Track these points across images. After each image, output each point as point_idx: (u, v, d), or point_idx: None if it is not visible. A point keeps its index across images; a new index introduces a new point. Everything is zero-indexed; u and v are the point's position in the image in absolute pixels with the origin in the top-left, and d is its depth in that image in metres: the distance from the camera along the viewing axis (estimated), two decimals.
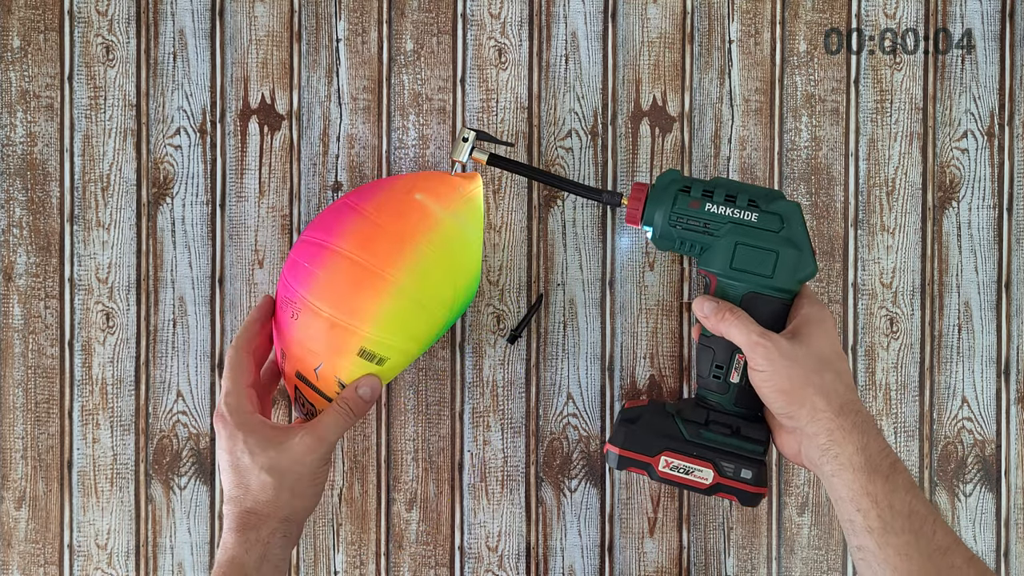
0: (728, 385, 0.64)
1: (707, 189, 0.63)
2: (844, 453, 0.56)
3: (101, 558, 0.77)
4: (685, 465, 0.64)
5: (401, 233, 0.63)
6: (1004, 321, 0.77)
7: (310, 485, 0.61)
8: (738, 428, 0.64)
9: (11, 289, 0.77)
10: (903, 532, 0.54)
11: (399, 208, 0.64)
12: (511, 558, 0.77)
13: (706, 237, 0.63)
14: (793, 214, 0.62)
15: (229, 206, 0.77)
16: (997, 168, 0.77)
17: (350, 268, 0.61)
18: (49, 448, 0.77)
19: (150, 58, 0.77)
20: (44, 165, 0.77)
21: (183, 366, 0.77)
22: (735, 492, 0.64)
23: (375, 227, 0.63)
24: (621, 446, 0.66)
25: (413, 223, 0.63)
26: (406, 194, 0.65)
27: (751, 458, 0.64)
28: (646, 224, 0.65)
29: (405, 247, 0.62)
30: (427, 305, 0.64)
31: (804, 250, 0.62)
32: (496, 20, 0.77)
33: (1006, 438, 0.77)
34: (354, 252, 0.62)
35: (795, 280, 0.62)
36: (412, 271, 0.62)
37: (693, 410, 0.66)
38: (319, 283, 0.62)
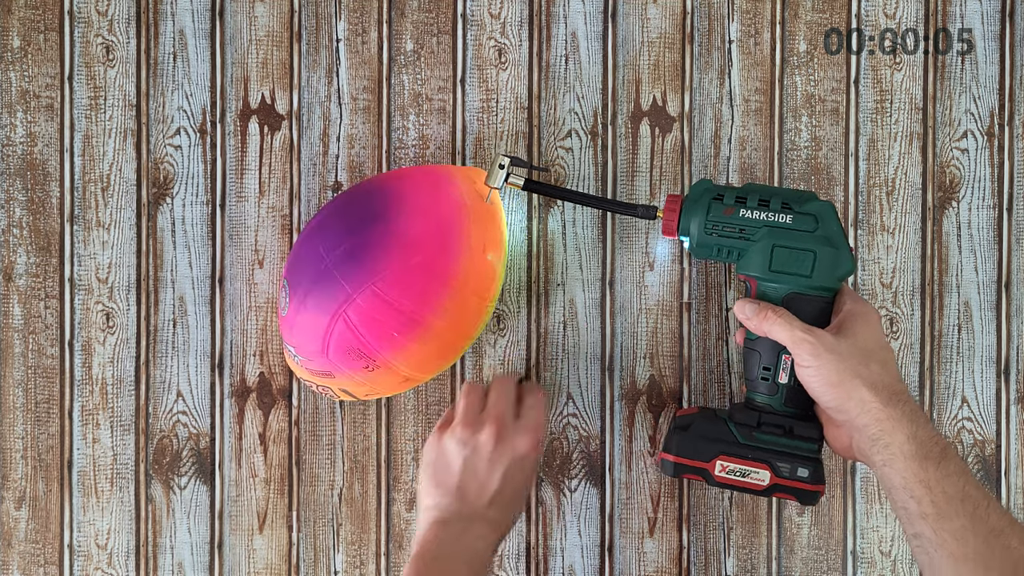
0: (777, 386, 0.65)
1: (740, 195, 0.64)
2: (895, 442, 0.57)
3: (101, 558, 0.77)
4: (741, 468, 0.65)
5: (481, 307, 0.68)
6: (1004, 321, 0.77)
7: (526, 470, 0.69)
8: (791, 428, 0.65)
9: (11, 289, 0.77)
10: (958, 516, 0.55)
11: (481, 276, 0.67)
12: (511, 558, 0.77)
13: (743, 242, 0.64)
14: (827, 213, 0.63)
15: (229, 206, 0.77)
16: (997, 168, 0.77)
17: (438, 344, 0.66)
18: (49, 448, 0.77)
19: (150, 58, 0.77)
20: (44, 165, 0.77)
21: (183, 366, 0.77)
22: (793, 491, 0.65)
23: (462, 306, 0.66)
24: (676, 453, 0.66)
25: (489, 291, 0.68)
26: (481, 253, 0.67)
27: (807, 456, 0.64)
28: (683, 235, 0.66)
29: (480, 319, 0.68)
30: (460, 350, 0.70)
31: (841, 248, 0.63)
32: (496, 20, 0.77)
33: (1006, 438, 0.77)
34: (442, 332, 0.65)
35: (834, 278, 0.63)
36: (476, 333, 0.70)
37: (744, 413, 0.66)
38: (409, 353, 0.65)
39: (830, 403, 0.60)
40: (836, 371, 0.59)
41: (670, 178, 0.77)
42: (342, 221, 0.65)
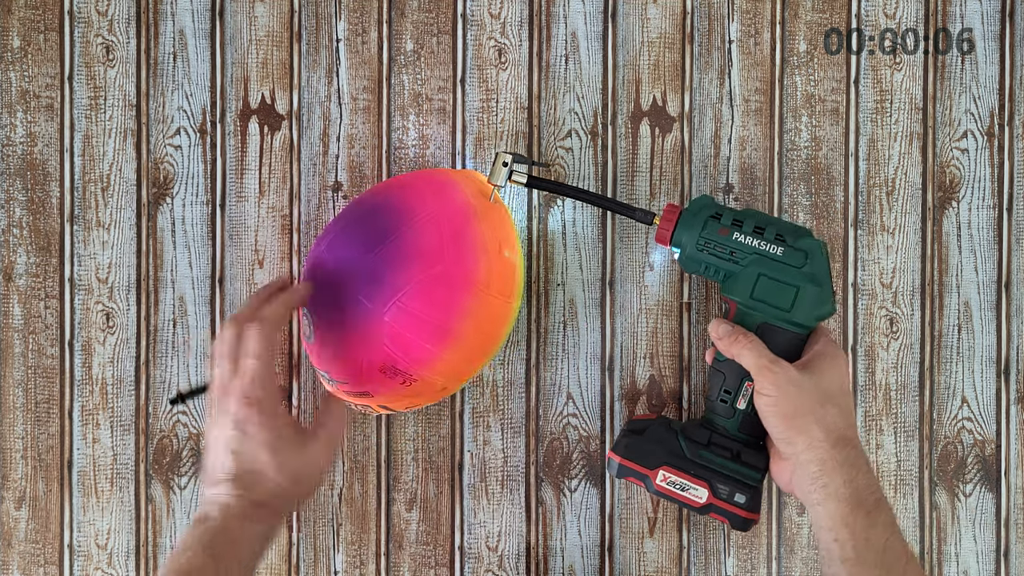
0: (735, 410, 0.66)
1: (737, 219, 0.65)
2: (832, 484, 0.58)
3: (101, 558, 0.77)
4: (682, 482, 0.66)
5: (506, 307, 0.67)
6: (1004, 321, 0.77)
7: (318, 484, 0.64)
8: (739, 453, 0.66)
9: (11, 289, 0.77)
10: (874, 566, 0.57)
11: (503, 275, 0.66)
12: (511, 558, 0.77)
13: (731, 265, 0.65)
14: (817, 251, 0.64)
15: (229, 206, 0.77)
16: (997, 168, 0.77)
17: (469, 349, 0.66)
18: (49, 448, 0.77)
19: (150, 58, 0.77)
20: (44, 165, 0.77)
21: (183, 366, 0.77)
22: (727, 515, 0.66)
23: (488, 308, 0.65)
24: (622, 455, 0.68)
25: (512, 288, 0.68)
26: (499, 253, 0.66)
27: (747, 483, 0.65)
28: (675, 245, 0.67)
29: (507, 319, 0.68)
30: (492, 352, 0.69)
31: (824, 288, 0.64)
32: (496, 20, 0.77)
33: (1006, 438, 0.77)
34: (472, 337, 0.65)
35: (812, 316, 0.64)
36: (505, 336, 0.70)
37: (697, 430, 0.67)
38: (443, 363, 0.64)
39: (780, 435, 0.61)
40: (793, 405, 0.60)
41: (670, 178, 0.77)
42: (355, 244, 0.64)
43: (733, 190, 0.77)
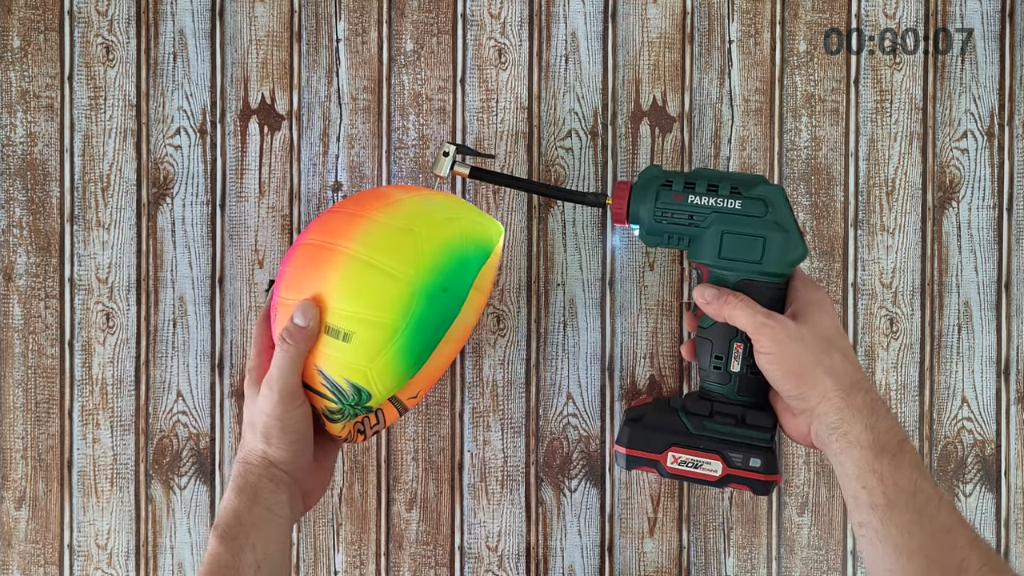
0: (729, 375, 0.64)
1: (688, 181, 0.63)
2: (853, 431, 0.57)
3: (101, 558, 0.77)
4: (693, 459, 0.64)
5: (355, 212, 0.62)
6: (1004, 321, 0.77)
7: (280, 432, 0.61)
8: (743, 417, 0.64)
9: (11, 289, 0.77)
10: (907, 510, 0.55)
11: (362, 197, 0.65)
12: (511, 558, 0.77)
13: (692, 229, 0.63)
14: (776, 197, 0.62)
15: (229, 206, 0.77)
16: (997, 168, 0.77)
17: (307, 252, 0.62)
18: (49, 448, 0.77)
19: (150, 58, 0.77)
20: (44, 165, 0.77)
21: (183, 366, 0.77)
22: (747, 482, 0.64)
23: (334, 214, 0.63)
24: (627, 445, 0.65)
25: (371, 201, 0.63)
26: (374, 190, 0.65)
27: (759, 446, 0.63)
28: (632, 222, 0.65)
29: (357, 220, 0.62)
30: (380, 267, 0.60)
31: (791, 232, 0.62)
32: (496, 20, 0.77)
33: (1006, 438, 0.77)
34: (311, 238, 0.62)
35: (785, 263, 0.62)
36: (360, 238, 0.61)
37: (697, 403, 0.65)
38: (286, 277, 0.63)
39: (791, 391, 0.59)
40: (798, 359, 0.58)
41: None
42: None
43: None
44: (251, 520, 0.60)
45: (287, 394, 0.60)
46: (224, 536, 0.59)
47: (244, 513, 0.60)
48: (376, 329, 0.60)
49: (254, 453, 0.62)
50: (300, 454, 0.62)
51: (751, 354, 0.62)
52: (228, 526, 0.59)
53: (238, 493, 0.61)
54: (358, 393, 0.61)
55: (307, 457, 0.63)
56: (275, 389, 0.60)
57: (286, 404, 0.60)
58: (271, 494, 0.61)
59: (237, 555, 0.58)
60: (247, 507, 0.60)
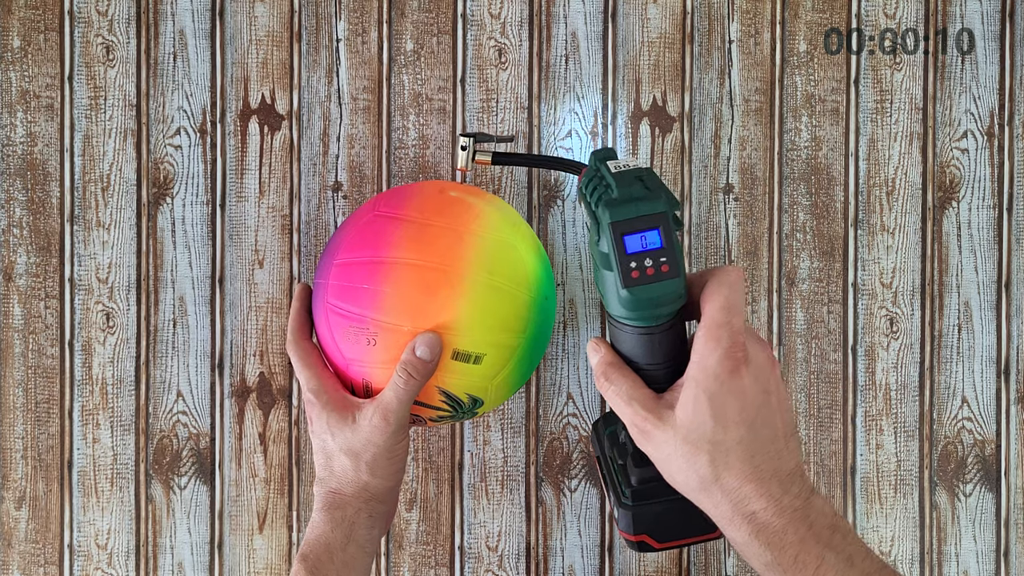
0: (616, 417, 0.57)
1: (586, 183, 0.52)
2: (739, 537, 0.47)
3: (101, 558, 0.77)
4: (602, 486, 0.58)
5: (453, 227, 0.61)
6: (1004, 321, 0.77)
7: (387, 462, 0.60)
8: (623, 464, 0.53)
9: (11, 289, 0.77)
10: None
11: (439, 206, 0.62)
12: (511, 558, 0.77)
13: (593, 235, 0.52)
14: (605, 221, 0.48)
15: (229, 206, 0.77)
16: (997, 168, 0.77)
17: (416, 274, 0.59)
18: (49, 448, 0.77)
19: (150, 58, 0.77)
20: (44, 165, 0.77)
21: (183, 366, 0.77)
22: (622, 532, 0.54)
23: (424, 228, 0.61)
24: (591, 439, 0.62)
25: (460, 214, 0.61)
26: (440, 193, 0.64)
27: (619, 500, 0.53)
28: None
29: (463, 238, 0.60)
30: (503, 288, 0.60)
31: (614, 270, 0.48)
32: (496, 20, 0.77)
33: (1006, 438, 0.77)
34: (414, 258, 0.59)
35: (621, 308, 0.48)
36: (476, 259, 0.60)
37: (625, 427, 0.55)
38: (389, 300, 0.59)
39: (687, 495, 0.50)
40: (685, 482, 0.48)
41: (670, 178, 0.77)
42: None
43: (733, 190, 0.77)
44: (343, 558, 0.59)
45: (402, 426, 0.60)
46: (314, 571, 0.58)
47: (337, 550, 0.59)
48: (503, 349, 0.61)
49: (353, 484, 0.60)
50: (399, 481, 0.62)
51: None
52: (320, 560, 0.58)
53: (334, 526, 0.59)
54: (474, 402, 0.63)
55: (400, 483, 0.63)
56: (391, 421, 0.58)
57: (399, 435, 0.60)
58: (367, 531, 0.60)
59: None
60: (342, 544, 0.59)
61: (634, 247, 0.47)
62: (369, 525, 0.61)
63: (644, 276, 0.47)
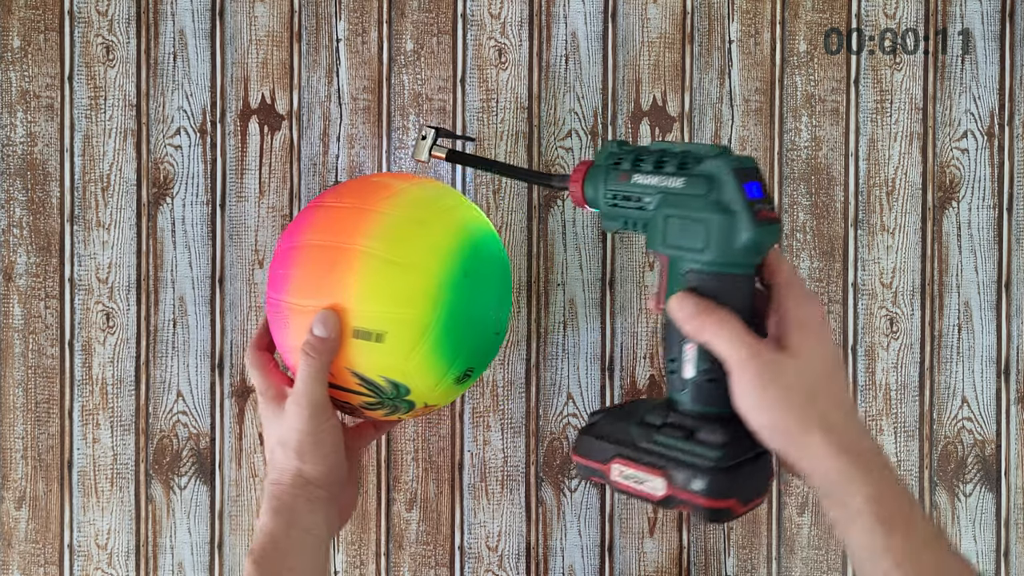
0: (683, 381, 0.54)
1: (639, 157, 0.56)
2: (853, 503, 0.48)
3: (101, 558, 0.77)
4: (636, 474, 0.55)
5: (359, 206, 0.61)
6: (1004, 321, 0.77)
7: (313, 447, 0.60)
8: (693, 430, 0.53)
9: (11, 289, 0.77)
10: None
11: (357, 190, 0.63)
12: (511, 558, 0.77)
13: (642, 212, 0.55)
14: (719, 172, 0.52)
15: (229, 206, 0.77)
16: (997, 168, 0.77)
17: (318, 254, 0.60)
18: (49, 448, 0.77)
19: (150, 58, 0.77)
20: (44, 165, 0.77)
21: (183, 366, 0.77)
22: (691, 506, 0.53)
23: (333, 210, 0.62)
24: (579, 453, 0.58)
25: (371, 194, 0.62)
26: (362, 180, 0.65)
27: (704, 466, 0.52)
28: (592, 206, 0.59)
29: (364, 215, 0.60)
30: (402, 262, 0.59)
31: (735, 213, 0.51)
32: (496, 20, 0.77)
33: (1006, 438, 0.77)
34: (318, 239, 0.60)
35: (732, 251, 0.52)
36: (374, 234, 0.59)
37: (655, 412, 0.56)
38: (295, 281, 0.60)
39: (774, 446, 0.50)
40: (784, 411, 0.49)
41: None
42: None
43: None
44: (288, 544, 0.58)
45: (317, 408, 0.59)
46: (260, 562, 0.57)
47: (281, 537, 0.58)
48: (407, 325, 0.58)
49: (287, 473, 0.60)
50: (335, 468, 0.61)
51: (706, 357, 0.53)
52: (264, 551, 0.58)
53: (274, 515, 0.59)
54: (396, 388, 0.60)
55: (342, 471, 0.62)
56: (303, 404, 0.59)
57: (317, 418, 0.59)
58: (308, 515, 0.60)
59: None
60: (284, 530, 0.58)
61: (752, 193, 0.52)
62: (309, 510, 0.60)
63: (766, 218, 0.52)
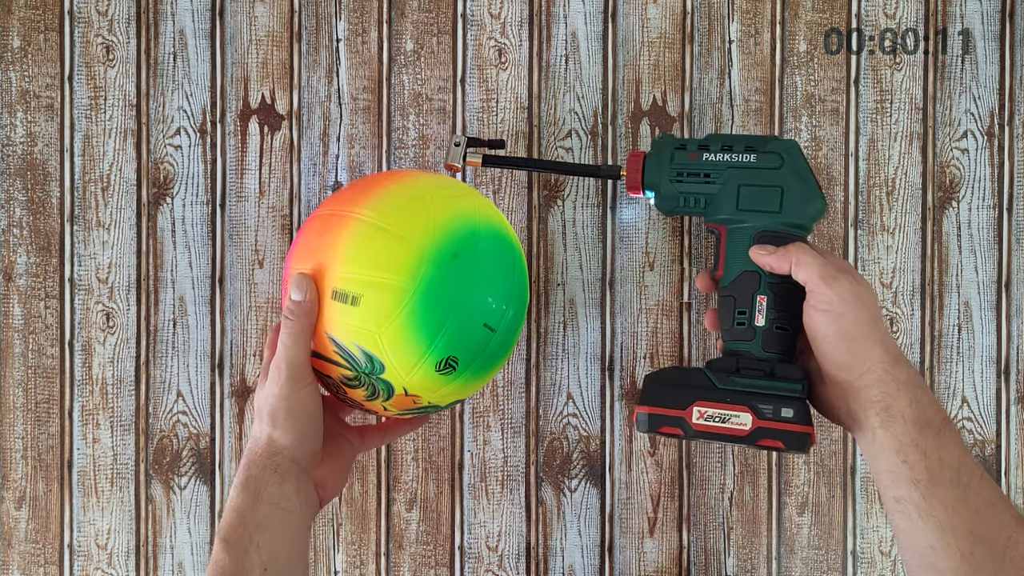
0: (754, 330, 0.61)
1: (703, 143, 0.64)
2: (896, 405, 0.55)
3: (101, 558, 0.77)
4: (721, 412, 0.60)
5: (368, 184, 0.63)
6: (1004, 321, 0.77)
7: (286, 413, 0.59)
8: (771, 369, 0.60)
9: (11, 289, 0.77)
10: (951, 486, 0.53)
11: (376, 176, 0.66)
12: (511, 558, 0.77)
13: (708, 187, 0.63)
14: (792, 150, 0.62)
15: (229, 206, 0.77)
16: (997, 168, 0.77)
17: (319, 223, 0.62)
18: (49, 448, 0.77)
19: (150, 58, 0.77)
20: (44, 165, 0.77)
21: (183, 366, 0.77)
22: (779, 435, 0.59)
23: (346, 189, 0.64)
24: (650, 404, 0.61)
25: (384, 178, 0.64)
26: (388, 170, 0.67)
27: (790, 396, 0.59)
28: (648, 189, 0.66)
29: (369, 190, 0.62)
30: (389, 229, 0.59)
31: (809, 183, 0.61)
32: (496, 20, 0.77)
33: (1006, 438, 0.77)
34: (323, 209, 0.63)
35: (806, 215, 0.61)
36: (370, 203, 0.60)
37: (722, 361, 0.62)
38: (297, 249, 0.63)
39: (839, 356, 0.56)
40: (857, 322, 0.56)
41: None
42: None
43: None
44: (255, 519, 0.56)
45: (295, 371, 0.58)
46: (227, 539, 0.56)
47: (247, 512, 0.57)
48: (384, 291, 0.58)
49: (259, 442, 0.59)
50: (308, 437, 0.60)
51: (775, 306, 0.61)
52: (231, 528, 0.56)
53: (241, 490, 0.58)
54: (371, 361, 0.59)
55: (316, 443, 0.60)
56: (282, 367, 0.58)
57: (294, 383, 0.58)
58: (276, 487, 0.58)
59: (240, 558, 0.55)
60: (250, 505, 0.57)
61: None
62: (278, 481, 0.58)
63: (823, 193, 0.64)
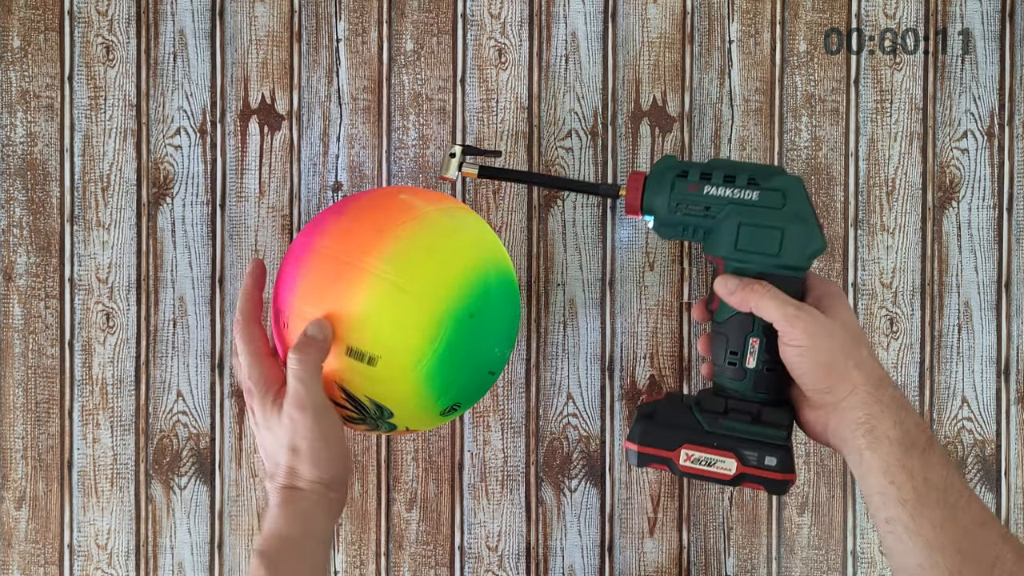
0: (745, 371, 0.62)
1: (705, 172, 0.62)
2: (881, 427, 0.56)
3: (101, 558, 0.77)
4: (707, 457, 0.62)
5: (379, 223, 0.60)
6: (1004, 321, 0.77)
7: (325, 450, 0.59)
8: (758, 414, 0.62)
9: (11, 289, 0.77)
10: (938, 505, 0.54)
11: (380, 204, 0.62)
12: (511, 558, 0.77)
13: (708, 220, 0.62)
14: (795, 189, 0.61)
15: (229, 206, 0.77)
16: (997, 168, 0.77)
17: (329, 264, 0.59)
18: (49, 448, 0.77)
19: (150, 58, 0.77)
20: (44, 165, 0.77)
21: (183, 366, 0.77)
22: (761, 481, 0.62)
23: (353, 222, 0.61)
24: (639, 443, 0.63)
25: (393, 214, 0.61)
26: (388, 194, 0.64)
27: (774, 444, 0.61)
28: (646, 213, 0.64)
29: (383, 235, 0.59)
30: (409, 289, 0.58)
31: (810, 224, 0.60)
32: (496, 20, 0.77)
33: (1006, 438, 0.77)
34: (331, 247, 0.60)
35: (804, 256, 0.61)
36: (390, 257, 0.58)
37: (711, 400, 0.63)
38: (302, 285, 0.60)
39: (818, 385, 0.58)
40: (829, 352, 0.57)
41: None
42: None
43: None
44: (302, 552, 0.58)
45: (321, 409, 0.58)
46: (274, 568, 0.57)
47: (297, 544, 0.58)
48: (402, 354, 0.58)
49: (302, 479, 0.59)
50: (346, 467, 0.61)
51: (767, 350, 0.61)
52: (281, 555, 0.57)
53: (291, 521, 0.58)
54: (380, 410, 0.60)
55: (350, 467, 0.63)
56: (307, 408, 0.58)
57: (323, 420, 0.58)
58: (324, 522, 0.59)
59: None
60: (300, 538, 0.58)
61: None
62: (327, 516, 0.60)
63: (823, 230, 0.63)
